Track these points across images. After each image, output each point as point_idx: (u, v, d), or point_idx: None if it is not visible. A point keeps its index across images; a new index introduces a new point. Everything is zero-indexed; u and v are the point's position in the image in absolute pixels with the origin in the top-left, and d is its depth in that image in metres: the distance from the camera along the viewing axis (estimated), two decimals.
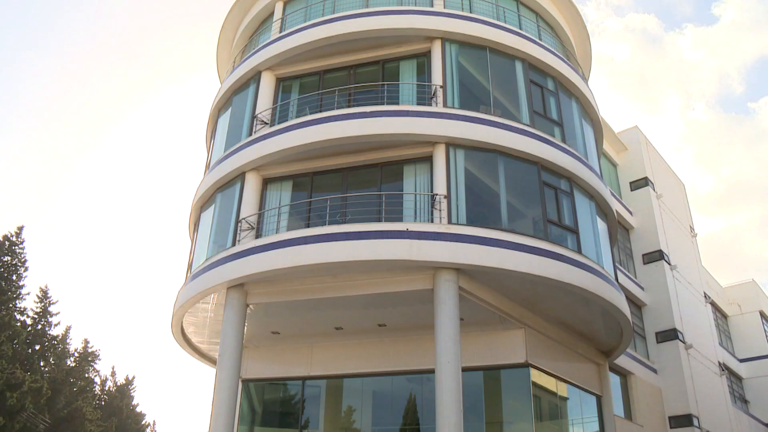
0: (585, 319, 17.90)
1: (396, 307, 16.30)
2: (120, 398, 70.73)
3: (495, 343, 17.03)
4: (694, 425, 24.01)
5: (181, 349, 20.66)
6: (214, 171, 18.61)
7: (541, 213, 16.40)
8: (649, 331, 26.18)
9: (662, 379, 25.14)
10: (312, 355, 18.62)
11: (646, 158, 29.93)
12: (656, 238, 27.65)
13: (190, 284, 17.31)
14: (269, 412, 20.34)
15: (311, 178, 17.46)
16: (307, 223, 16.68)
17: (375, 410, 18.83)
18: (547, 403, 18.14)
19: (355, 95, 18.18)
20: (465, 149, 16.58)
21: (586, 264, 16.30)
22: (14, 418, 43.83)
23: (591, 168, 18.71)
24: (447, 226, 15.11)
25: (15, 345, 46.22)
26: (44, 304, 53.26)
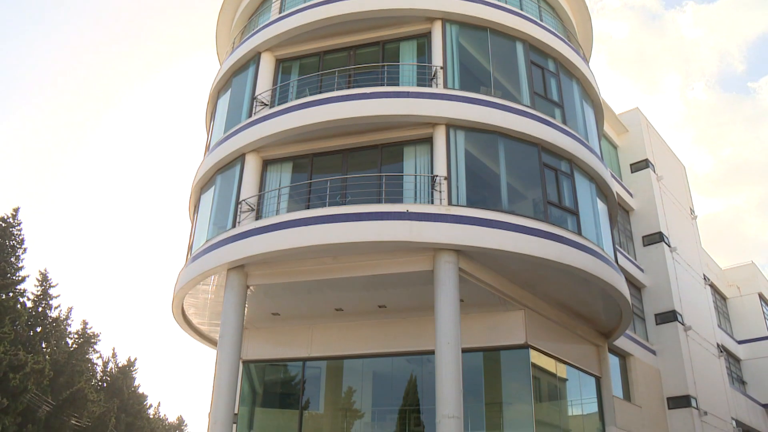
0: (585, 301, 17.95)
1: (396, 288, 16.33)
2: (122, 380, 71.18)
3: (495, 325, 17.09)
4: (692, 406, 24.15)
5: (182, 330, 20.73)
6: (214, 152, 18.58)
7: (542, 194, 16.39)
8: (648, 313, 26.26)
9: (661, 360, 25.24)
10: (312, 336, 18.69)
11: (647, 140, 29.85)
12: (656, 220, 27.65)
13: (191, 266, 17.34)
14: (270, 393, 20.45)
15: (311, 159, 17.42)
16: (308, 205, 16.67)
17: (375, 391, 18.93)
18: (547, 384, 18.23)
19: (355, 76, 18.11)
20: (465, 130, 16.54)
21: (586, 246, 16.32)
22: (17, 399, 44.11)
23: (591, 150, 18.67)
24: (447, 207, 15.10)
25: (17, 327, 46.42)
26: (44, 287, 53.46)
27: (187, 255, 19.03)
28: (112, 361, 72.22)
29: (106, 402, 61.25)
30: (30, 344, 49.80)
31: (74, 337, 59.72)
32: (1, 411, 42.55)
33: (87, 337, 61.02)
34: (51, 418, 49.48)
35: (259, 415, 19.79)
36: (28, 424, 46.19)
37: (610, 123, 28.45)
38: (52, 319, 54.69)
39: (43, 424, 48.15)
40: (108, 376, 70.59)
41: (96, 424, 57.25)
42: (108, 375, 70.81)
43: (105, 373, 70.79)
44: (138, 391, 74.25)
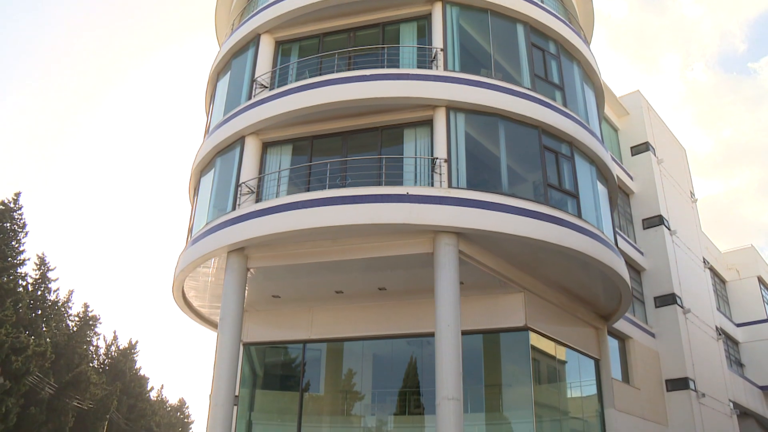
0: (584, 284, 17.98)
1: (396, 270, 16.35)
2: (123, 362, 71.54)
3: (494, 307, 17.14)
4: (690, 388, 24.27)
5: (183, 313, 20.80)
6: (214, 135, 18.54)
7: (542, 177, 16.37)
8: (647, 296, 26.32)
9: (660, 343, 25.34)
10: (312, 318, 18.75)
11: (648, 123, 29.78)
12: (656, 204, 27.64)
13: (191, 249, 17.36)
14: (270, 375, 20.56)
15: (311, 141, 17.39)
16: (307, 187, 16.65)
17: (375, 373, 19.03)
18: (546, 367, 18.32)
19: (354, 58, 18.02)
20: (465, 113, 16.48)
21: (586, 228, 16.32)
22: (20, 381, 44.37)
23: (592, 132, 18.62)
24: (447, 189, 15.09)
25: (18, 309, 46.58)
26: (42, 271, 53.56)
27: (187, 238, 19.05)
28: (114, 344, 72.56)
29: (108, 384, 61.60)
30: (31, 327, 50.01)
31: (75, 320, 59.99)
32: (5, 393, 42.83)
33: (88, 320, 61.28)
34: (53, 400, 49.79)
35: (260, 397, 19.91)
36: (31, 406, 46.50)
37: (610, 106, 28.37)
38: (51, 302, 54.86)
39: (45, 405, 48.46)
40: (109, 359, 70.95)
41: (98, 406, 57.62)
42: (109, 358, 71.17)
43: (107, 356, 71.16)
44: (139, 373, 74.69)
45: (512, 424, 17.39)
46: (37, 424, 47.68)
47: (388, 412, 18.47)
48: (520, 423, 17.05)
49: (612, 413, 19.45)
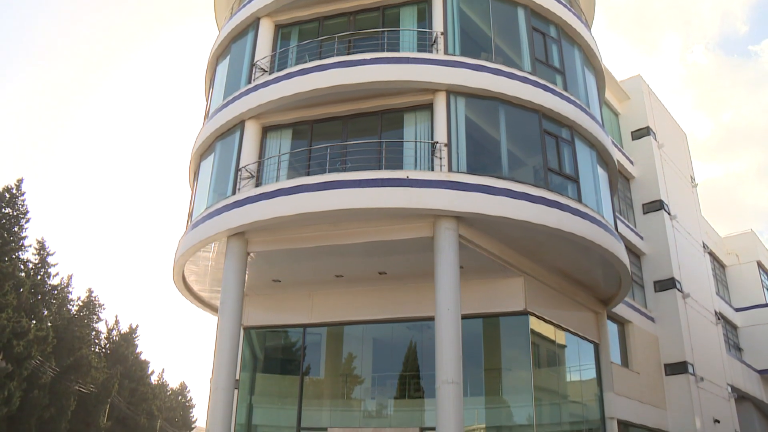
0: (584, 268, 18.01)
1: (396, 254, 16.38)
2: (124, 346, 71.83)
3: (494, 291, 17.18)
4: (689, 372, 24.38)
5: (183, 297, 20.85)
6: (213, 119, 18.49)
7: (542, 161, 16.35)
8: (647, 280, 26.36)
9: (659, 327, 25.41)
10: (313, 302, 18.80)
11: (648, 107, 29.68)
12: (656, 188, 27.61)
13: (191, 233, 17.37)
14: (271, 359, 20.64)
15: (311, 126, 17.35)
16: (307, 171, 16.64)
17: (375, 357, 19.11)
18: (546, 351, 18.39)
19: (354, 42, 17.93)
20: (466, 97, 16.43)
21: (586, 213, 16.33)
22: (22, 365, 44.59)
23: (592, 116, 18.58)
24: (447, 174, 15.08)
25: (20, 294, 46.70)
26: (42, 255, 53.66)
27: (187, 222, 19.06)
28: (115, 328, 72.80)
29: (109, 368, 61.89)
30: (32, 311, 50.16)
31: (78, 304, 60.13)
32: (7, 376, 43.05)
33: (92, 305, 61.47)
34: (55, 383, 50.03)
35: (261, 380, 20.00)
36: (33, 390, 46.75)
37: (611, 90, 28.28)
38: (51, 287, 55.00)
39: (48, 389, 48.71)
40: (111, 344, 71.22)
41: (100, 390, 57.91)
42: (111, 342, 71.43)
43: (108, 340, 71.41)
44: (140, 357, 75.00)
45: (512, 407, 17.48)
46: (40, 408, 47.96)
47: (388, 396, 18.56)
48: (519, 406, 17.15)
49: (611, 397, 19.55)
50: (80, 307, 60.12)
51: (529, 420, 16.55)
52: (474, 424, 16.99)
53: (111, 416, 63.75)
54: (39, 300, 52.46)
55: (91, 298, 61.93)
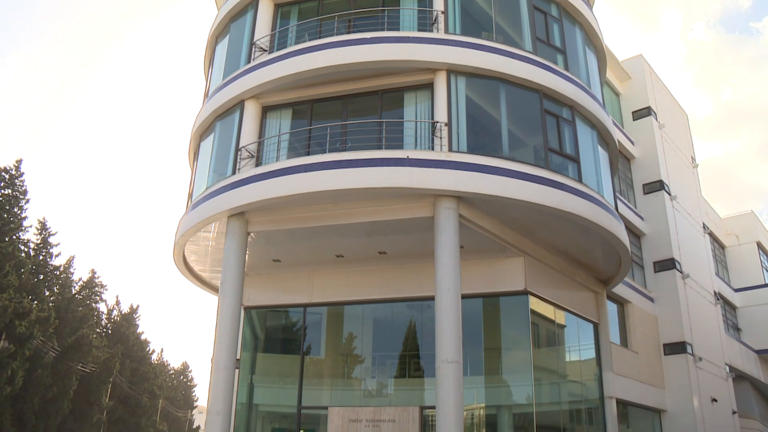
0: (584, 248, 18.03)
1: (396, 234, 16.39)
2: (126, 326, 72.17)
3: (494, 271, 17.21)
4: (688, 352, 24.49)
5: (184, 277, 20.90)
6: (213, 99, 18.42)
7: (542, 141, 16.30)
8: (647, 261, 26.41)
9: (658, 307, 25.50)
10: (313, 282, 18.85)
11: (650, 88, 29.57)
12: (657, 168, 27.58)
13: (191, 213, 17.37)
14: (271, 339, 20.73)
15: (311, 105, 17.28)
16: (307, 151, 16.60)
17: (375, 337, 19.19)
18: (545, 330, 18.46)
19: (354, 21, 17.80)
20: (466, 76, 16.35)
21: (587, 193, 16.31)
22: (24, 345, 44.83)
23: (593, 96, 18.50)
24: (447, 153, 15.04)
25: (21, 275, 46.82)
26: (44, 236, 53.77)
27: (187, 202, 19.05)
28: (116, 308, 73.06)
29: (111, 348, 62.23)
30: (34, 292, 50.34)
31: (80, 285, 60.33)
32: (9, 356, 43.30)
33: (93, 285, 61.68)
34: (57, 363, 50.33)
35: (261, 360, 20.11)
36: (36, 370, 47.03)
37: (612, 70, 28.14)
38: (53, 267, 55.15)
39: (50, 369, 49.00)
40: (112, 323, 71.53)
41: (101, 369, 58.27)
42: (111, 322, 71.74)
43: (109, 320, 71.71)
44: (141, 337, 75.38)
45: (511, 387, 17.58)
46: (43, 387, 48.30)
47: (388, 375, 18.66)
48: (519, 386, 17.24)
49: (610, 376, 19.66)
50: (81, 287, 60.32)
51: (528, 399, 16.66)
52: (474, 404, 17.09)
53: (113, 396, 64.20)
54: (41, 280, 52.64)
55: (93, 278, 62.12)
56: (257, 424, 19.47)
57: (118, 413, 66.61)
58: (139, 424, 72.06)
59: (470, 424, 16.90)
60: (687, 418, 23.52)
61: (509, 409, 17.46)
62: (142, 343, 75.47)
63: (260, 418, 19.65)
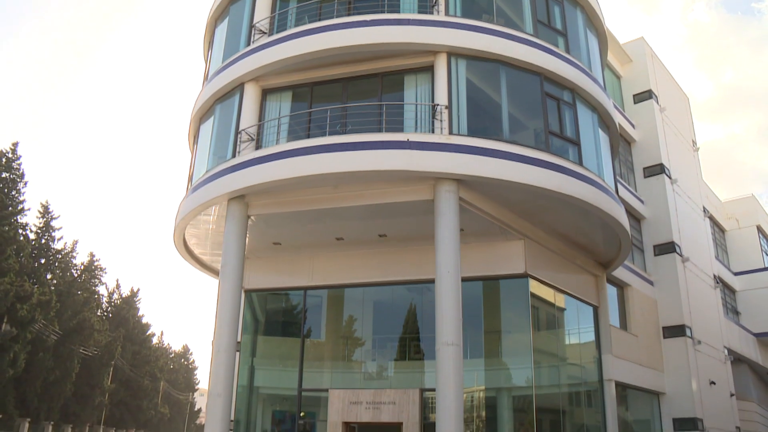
0: (584, 231, 18.04)
1: (396, 217, 16.40)
2: (126, 309, 72.38)
3: (494, 254, 17.24)
4: (687, 335, 24.57)
5: (184, 261, 20.93)
6: (213, 82, 18.35)
7: (543, 124, 16.26)
8: (647, 244, 26.43)
9: (658, 290, 25.55)
10: (313, 265, 18.88)
11: (651, 71, 29.44)
12: (658, 152, 27.53)
13: (191, 196, 17.37)
14: (272, 322, 20.81)
15: (311, 88, 17.22)
16: (308, 134, 16.57)
17: (376, 319, 19.26)
18: (545, 313, 18.52)
19: (354, 3, 17.67)
20: (467, 59, 16.28)
21: (587, 176, 16.29)
22: (26, 328, 45.04)
23: (594, 79, 18.43)
24: (448, 136, 15.01)
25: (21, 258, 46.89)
26: (46, 219, 53.80)
27: (187, 185, 19.04)
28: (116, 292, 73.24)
29: (112, 332, 62.49)
30: (35, 276, 50.47)
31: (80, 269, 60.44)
32: (12, 340, 43.51)
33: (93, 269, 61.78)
34: (59, 346, 50.58)
35: (262, 342, 20.20)
36: (38, 353, 47.28)
37: (613, 53, 28.02)
38: (56, 251, 55.22)
39: (52, 352, 49.25)
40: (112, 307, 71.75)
41: (103, 352, 58.56)
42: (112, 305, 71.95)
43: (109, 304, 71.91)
44: (142, 321, 75.66)
45: (511, 369, 17.67)
46: (45, 370, 48.58)
47: (389, 358, 18.75)
48: (518, 369, 17.33)
49: (609, 359, 19.74)
50: (81, 271, 60.41)
51: (528, 382, 16.75)
52: (473, 386, 17.18)
53: (114, 378, 64.55)
54: (42, 264, 52.72)
55: (92, 261, 62.21)
56: (258, 406, 19.59)
57: (119, 396, 67.02)
58: (141, 407, 72.49)
59: (470, 406, 17.01)
60: (685, 400, 23.65)
61: (509, 392, 17.56)
62: (143, 326, 75.78)
63: (261, 401, 19.77)
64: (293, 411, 18.55)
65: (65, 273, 57.06)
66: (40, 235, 52.96)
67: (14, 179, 49.02)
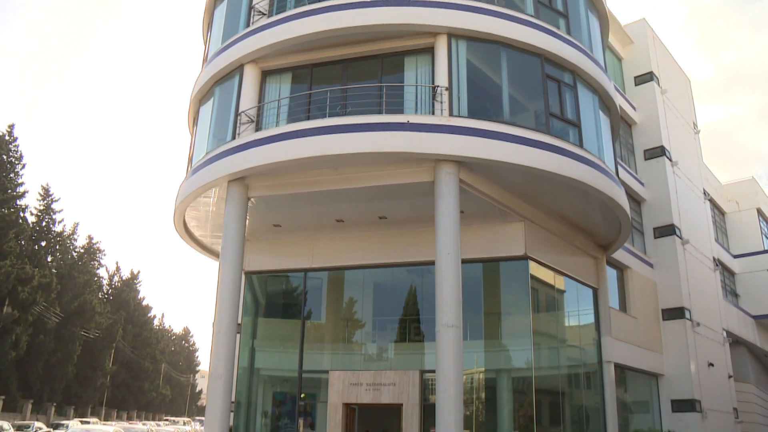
0: (584, 214, 18.04)
1: (397, 199, 16.39)
2: (127, 292, 72.57)
3: (495, 236, 17.25)
4: (686, 317, 24.65)
5: (185, 243, 20.95)
6: (212, 64, 18.27)
7: (544, 106, 16.19)
8: (647, 227, 26.44)
9: (658, 273, 25.60)
10: (313, 247, 18.91)
11: (652, 52, 29.28)
12: (658, 134, 27.45)
13: (191, 178, 17.35)
14: (272, 304, 20.87)
15: (311, 70, 17.14)
16: (307, 116, 16.50)
17: (376, 301, 19.31)
18: (545, 295, 18.56)
19: None
20: (467, 40, 16.18)
21: (587, 158, 16.26)
22: (27, 310, 45.18)
23: (595, 61, 18.33)
24: (448, 118, 14.96)
25: (21, 241, 46.92)
26: (47, 202, 53.74)
27: (187, 167, 19.01)
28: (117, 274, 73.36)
29: (113, 314, 62.70)
30: (35, 258, 50.54)
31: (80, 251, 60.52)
32: (13, 322, 43.67)
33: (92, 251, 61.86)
34: (61, 329, 50.78)
35: (262, 324, 20.27)
36: (39, 335, 47.46)
37: (615, 34, 27.86)
38: (56, 234, 55.24)
39: (53, 334, 49.46)
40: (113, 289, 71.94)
41: (104, 335, 58.80)
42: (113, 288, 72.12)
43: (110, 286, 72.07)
44: (143, 303, 75.92)
45: (511, 351, 17.74)
46: (46, 352, 48.80)
47: (389, 340, 18.83)
48: (518, 350, 17.40)
49: (609, 341, 19.81)
50: (81, 253, 60.48)
51: (527, 364, 16.82)
52: (473, 368, 17.26)
53: (116, 360, 64.89)
54: (42, 247, 52.76)
55: (91, 244, 62.24)
56: (259, 387, 19.70)
57: (121, 377, 67.44)
58: (143, 389, 72.97)
59: (470, 387, 17.10)
60: (684, 382, 23.78)
61: (508, 373, 17.64)
62: (144, 308, 76.05)
63: (262, 382, 19.88)
64: (294, 392, 18.65)
65: (65, 255, 57.12)
66: (41, 218, 52.94)
67: (12, 162, 48.91)
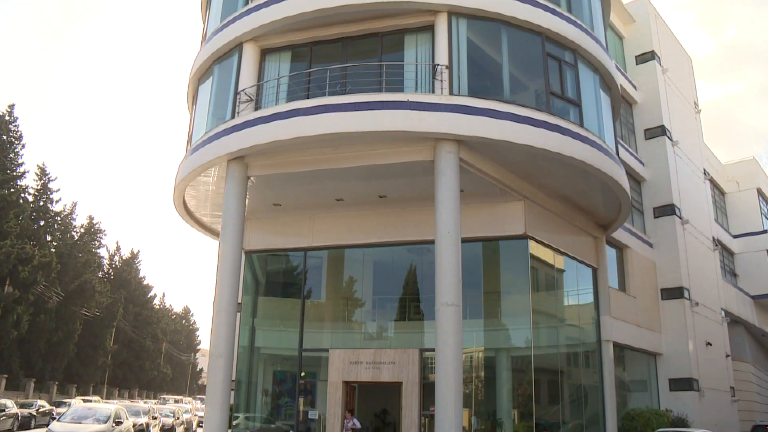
0: (584, 193, 18.02)
1: (396, 178, 16.36)
2: (127, 271, 72.71)
3: (495, 215, 17.25)
4: (685, 297, 24.74)
5: (185, 222, 20.94)
6: (211, 42, 18.14)
7: (544, 85, 16.11)
8: (647, 206, 26.45)
9: (657, 252, 25.64)
10: (313, 226, 18.91)
11: (654, 31, 29.09)
12: (659, 114, 27.37)
13: (191, 157, 17.30)
14: (272, 282, 20.92)
15: (310, 48, 17.02)
16: (307, 94, 16.41)
17: (376, 280, 19.36)
18: (544, 275, 18.61)
19: None
20: (467, 18, 16.05)
21: (588, 137, 16.20)
22: (28, 290, 45.30)
23: (597, 40, 18.21)
24: (448, 96, 14.88)
25: (21, 221, 46.92)
26: (43, 181, 53.61)
27: (186, 147, 18.95)
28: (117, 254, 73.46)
29: (113, 293, 62.87)
30: (35, 238, 50.57)
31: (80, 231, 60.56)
32: (14, 302, 43.80)
33: (93, 231, 61.90)
34: (61, 308, 50.94)
35: (263, 303, 20.34)
36: (40, 314, 47.63)
37: (616, 13, 27.65)
38: (54, 213, 55.22)
39: (54, 314, 49.63)
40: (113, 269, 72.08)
41: (105, 314, 59.02)
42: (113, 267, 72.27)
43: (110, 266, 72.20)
44: (143, 282, 76.12)
45: (510, 330, 17.83)
46: (48, 332, 49.01)
47: (389, 318, 18.90)
48: (517, 329, 17.48)
49: (607, 320, 19.89)
50: (81, 233, 60.53)
51: (527, 342, 16.90)
52: (473, 347, 17.35)
53: (117, 340, 65.20)
54: (41, 227, 52.77)
55: (92, 224, 62.28)
56: (259, 366, 19.81)
57: (122, 357, 67.79)
58: (144, 367, 73.38)
59: (469, 366, 17.20)
60: (681, 361, 23.92)
61: (508, 352, 17.74)
62: (144, 287, 76.28)
63: (262, 361, 19.99)
64: (294, 371, 18.77)
65: (65, 235, 57.18)
66: (38, 198, 52.85)
67: (12, 141, 48.75)
